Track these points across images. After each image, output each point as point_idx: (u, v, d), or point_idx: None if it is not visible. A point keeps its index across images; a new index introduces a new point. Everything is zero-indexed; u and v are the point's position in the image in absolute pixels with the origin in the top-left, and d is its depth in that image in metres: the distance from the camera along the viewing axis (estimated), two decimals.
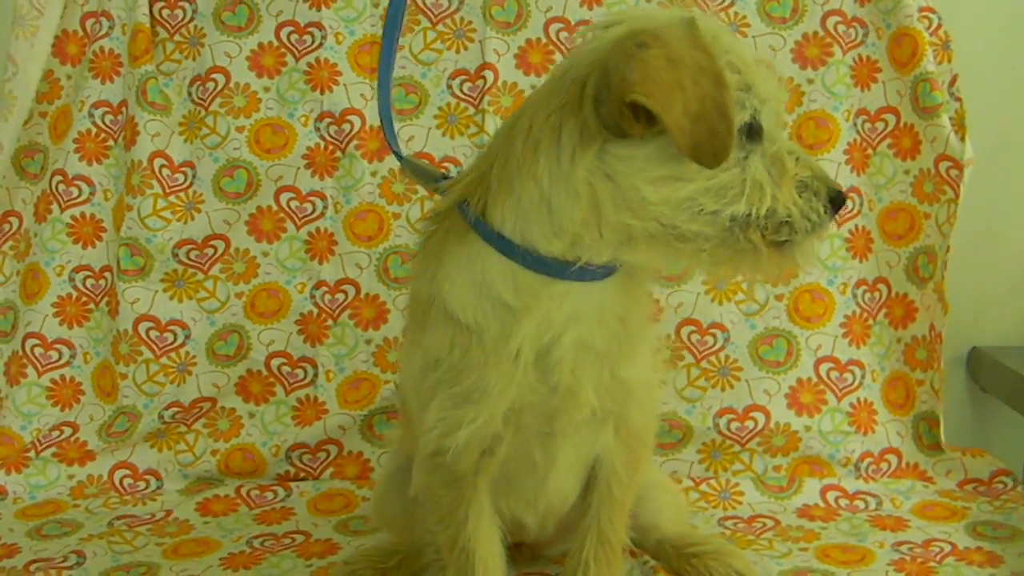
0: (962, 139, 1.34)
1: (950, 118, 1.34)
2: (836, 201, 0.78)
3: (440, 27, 1.41)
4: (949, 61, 1.36)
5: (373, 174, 1.41)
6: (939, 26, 1.36)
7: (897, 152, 1.39)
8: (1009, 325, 1.55)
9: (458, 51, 1.41)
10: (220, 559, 1.16)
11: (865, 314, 1.40)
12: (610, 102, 0.71)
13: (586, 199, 0.74)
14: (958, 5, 1.41)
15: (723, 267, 0.78)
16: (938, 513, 1.27)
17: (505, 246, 0.78)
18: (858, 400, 1.38)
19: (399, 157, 0.99)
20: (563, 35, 1.40)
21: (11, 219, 1.44)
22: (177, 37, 1.43)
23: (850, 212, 1.39)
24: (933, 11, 1.36)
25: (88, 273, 1.42)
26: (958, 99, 1.35)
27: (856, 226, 1.40)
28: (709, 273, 0.94)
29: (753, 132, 0.75)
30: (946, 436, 1.40)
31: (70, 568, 1.13)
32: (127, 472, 1.37)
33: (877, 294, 1.40)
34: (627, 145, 0.73)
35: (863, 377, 1.39)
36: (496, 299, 0.79)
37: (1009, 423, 1.51)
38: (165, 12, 1.42)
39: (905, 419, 1.39)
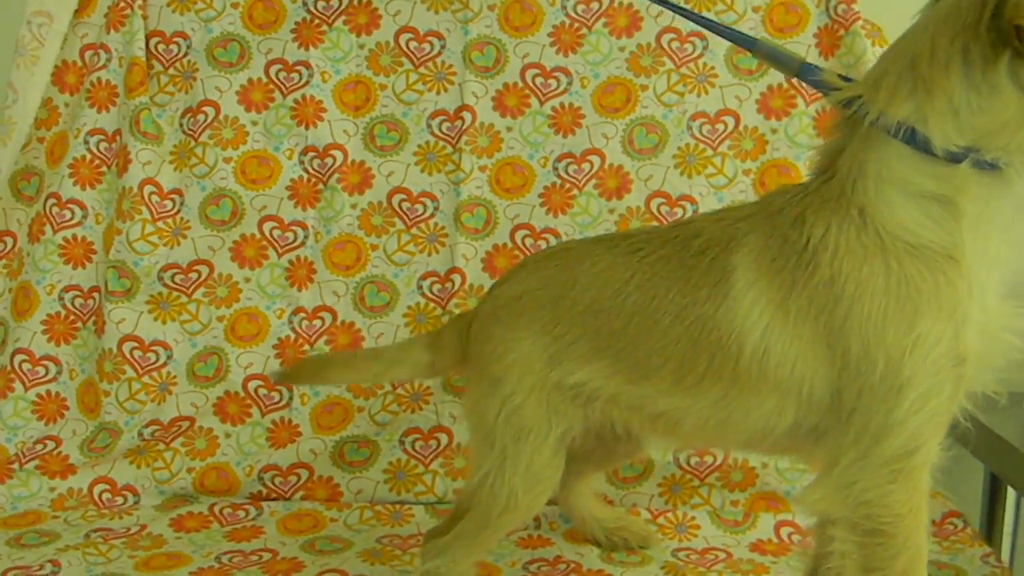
0: None
1: None
2: None
3: (422, 69, 1.47)
4: None
5: (353, 206, 1.47)
6: None
7: None
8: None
9: (438, 92, 1.47)
10: (189, 573, 1.21)
11: None
12: (1001, 26, 0.77)
13: (1007, 101, 0.79)
14: None
15: None
16: None
17: (911, 137, 0.82)
18: None
19: (752, 41, 0.98)
20: (539, 80, 1.46)
21: (6, 239, 1.51)
22: (171, 71, 1.49)
23: None
24: None
25: (77, 293, 1.48)
26: None
27: None
28: None
29: None
30: None
31: None
32: (106, 487, 1.42)
33: None
34: None
35: None
36: (925, 192, 0.83)
37: (972, 468, 1.55)
38: (161, 47, 1.49)
39: None
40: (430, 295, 1.46)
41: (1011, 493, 1.53)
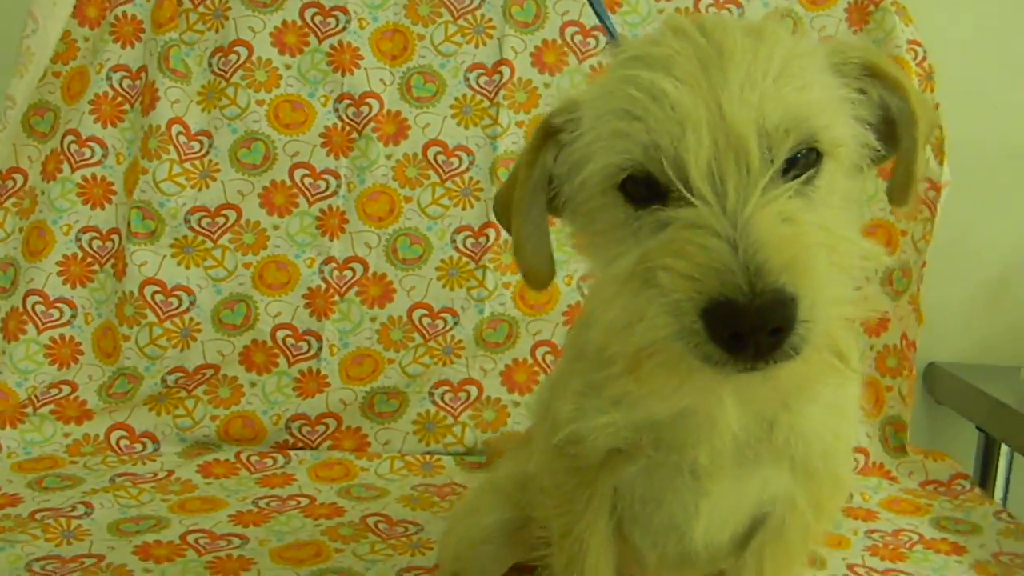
0: (940, 163, 1.44)
1: (930, 142, 1.45)
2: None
3: (461, 22, 1.47)
4: (932, 91, 1.47)
5: (388, 157, 1.45)
6: (924, 58, 1.47)
7: (879, 172, 1.49)
8: (963, 343, 1.67)
9: (477, 46, 1.47)
10: (228, 516, 1.18)
11: None
12: None
13: None
14: (942, 40, 1.52)
15: None
16: (904, 508, 1.36)
17: None
18: None
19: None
20: (577, 38, 1.47)
21: (15, 176, 1.44)
22: (201, 8, 1.45)
23: None
24: (919, 44, 1.47)
25: (95, 234, 1.43)
26: (938, 126, 1.46)
27: None
28: None
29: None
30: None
31: (79, 518, 1.14)
32: (123, 433, 1.38)
33: None
34: None
35: None
36: None
37: (960, 432, 1.62)
38: None
39: (873, 422, 1.49)
40: (464, 249, 1.45)
41: (1003, 454, 1.61)
